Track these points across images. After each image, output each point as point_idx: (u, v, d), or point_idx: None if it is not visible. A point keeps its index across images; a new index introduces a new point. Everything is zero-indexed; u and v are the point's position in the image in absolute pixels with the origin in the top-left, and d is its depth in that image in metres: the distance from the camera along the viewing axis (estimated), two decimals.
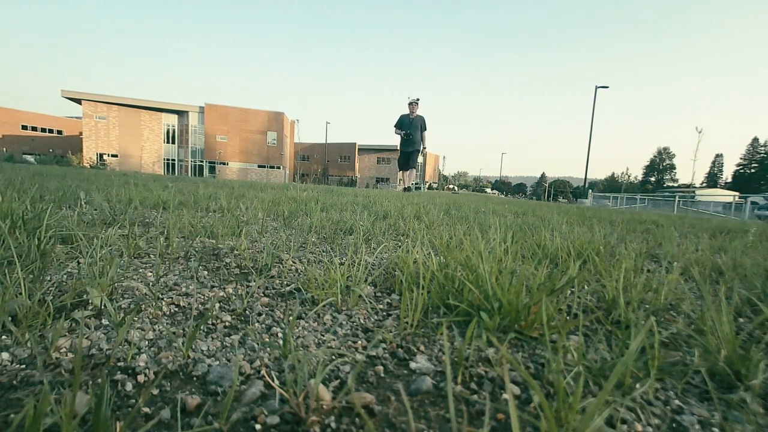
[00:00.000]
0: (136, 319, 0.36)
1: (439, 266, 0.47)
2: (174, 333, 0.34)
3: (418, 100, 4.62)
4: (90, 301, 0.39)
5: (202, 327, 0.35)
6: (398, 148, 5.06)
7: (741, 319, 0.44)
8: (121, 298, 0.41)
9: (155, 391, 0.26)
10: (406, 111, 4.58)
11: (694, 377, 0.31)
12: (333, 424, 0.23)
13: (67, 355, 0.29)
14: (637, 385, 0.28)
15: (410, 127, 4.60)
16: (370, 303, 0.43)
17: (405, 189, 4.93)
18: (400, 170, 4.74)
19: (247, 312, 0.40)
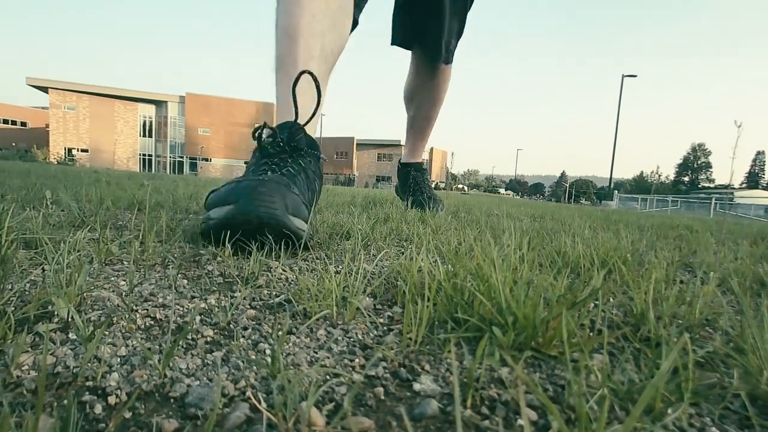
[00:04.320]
0: (107, 333, 0.36)
1: (447, 275, 0.47)
2: (149, 349, 0.34)
3: None
4: (56, 313, 0.39)
5: (180, 342, 0.35)
6: None
7: None
8: (90, 310, 0.41)
9: (128, 415, 0.26)
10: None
11: (733, 402, 0.31)
12: None
13: (29, 374, 0.29)
14: (669, 410, 0.28)
15: None
16: (369, 316, 0.43)
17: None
18: None
19: (231, 326, 0.40)
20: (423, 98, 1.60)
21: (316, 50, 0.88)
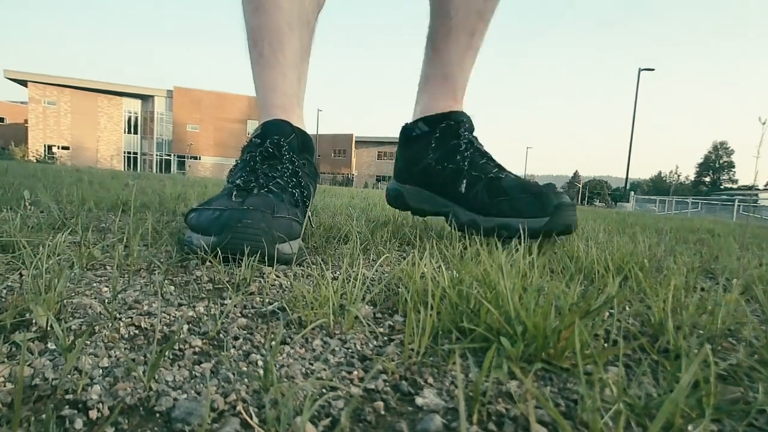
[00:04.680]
0: (88, 342, 0.36)
1: (452, 282, 0.47)
2: (133, 360, 0.34)
3: None
4: (34, 321, 0.39)
5: (167, 353, 0.35)
6: None
7: None
8: (70, 318, 0.41)
9: (110, 430, 0.26)
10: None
11: (758, 418, 0.31)
12: None
13: (5, 386, 0.29)
14: (690, 427, 0.28)
15: None
16: (369, 325, 0.43)
17: None
18: None
19: (221, 335, 0.40)
20: None
21: (294, 12, 0.79)
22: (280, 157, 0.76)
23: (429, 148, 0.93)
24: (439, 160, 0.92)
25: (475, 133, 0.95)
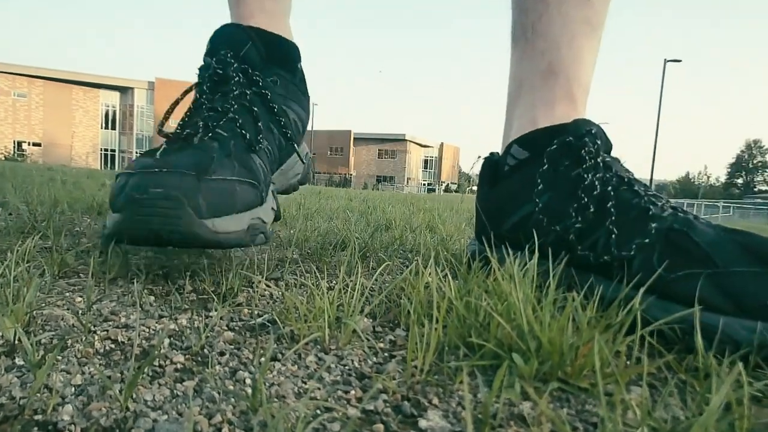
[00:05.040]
0: (59, 358, 0.36)
1: (459, 293, 0.47)
2: (109, 377, 0.34)
3: None
4: (0, 335, 0.39)
5: (146, 370, 0.35)
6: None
7: None
8: (41, 331, 0.41)
9: None
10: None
11: None
12: None
13: None
14: None
15: None
16: (368, 340, 0.43)
17: None
18: None
19: (205, 351, 0.40)
20: None
21: None
22: (228, 80, 0.61)
23: (532, 186, 0.62)
24: (550, 206, 0.60)
25: (613, 153, 0.63)
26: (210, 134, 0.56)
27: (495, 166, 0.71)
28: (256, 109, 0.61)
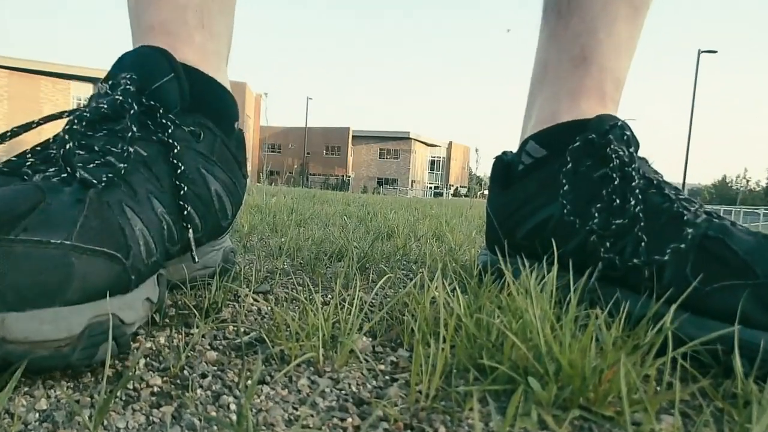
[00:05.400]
0: (22, 379, 0.36)
1: (469, 309, 0.47)
2: (78, 402, 0.34)
3: None
4: None
5: (119, 394, 0.35)
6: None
7: None
8: None
9: None
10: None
11: None
12: None
13: None
14: None
15: None
16: (367, 362, 0.43)
17: None
18: None
19: (185, 372, 0.39)
20: None
21: None
22: (123, 115, 0.46)
23: (550, 188, 0.61)
24: (575, 209, 0.58)
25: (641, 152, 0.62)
26: (64, 175, 0.40)
27: (508, 166, 0.70)
28: (151, 165, 0.47)
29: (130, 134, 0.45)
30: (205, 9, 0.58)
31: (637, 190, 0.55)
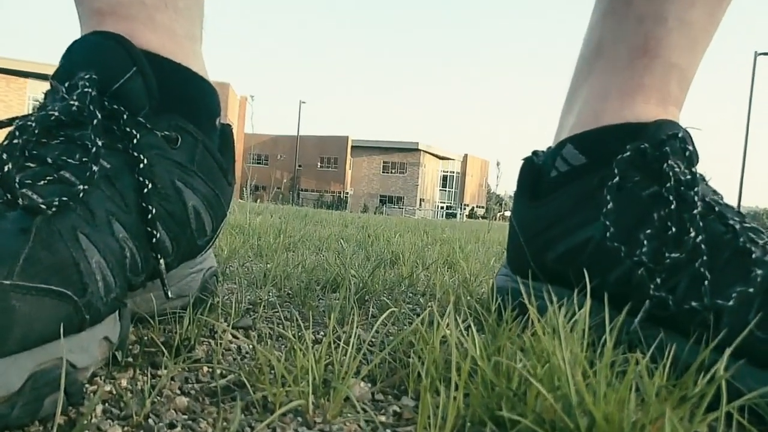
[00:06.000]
0: None
1: (486, 351, 0.47)
2: None
3: None
4: None
5: None
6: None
7: None
8: None
9: None
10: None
11: None
12: None
13: None
14: None
15: None
16: (365, 411, 0.43)
17: None
18: None
19: (150, 421, 0.39)
20: None
21: None
22: (82, 124, 0.44)
23: (590, 204, 0.60)
24: (619, 233, 0.56)
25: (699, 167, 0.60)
26: (6, 198, 0.37)
27: (538, 172, 0.68)
28: (114, 180, 0.46)
29: (94, 149, 0.43)
30: None
31: (698, 218, 0.53)
